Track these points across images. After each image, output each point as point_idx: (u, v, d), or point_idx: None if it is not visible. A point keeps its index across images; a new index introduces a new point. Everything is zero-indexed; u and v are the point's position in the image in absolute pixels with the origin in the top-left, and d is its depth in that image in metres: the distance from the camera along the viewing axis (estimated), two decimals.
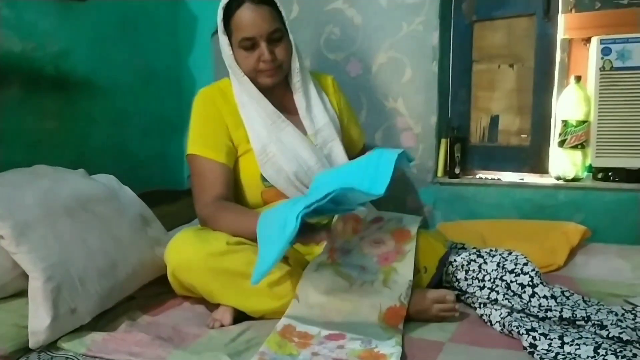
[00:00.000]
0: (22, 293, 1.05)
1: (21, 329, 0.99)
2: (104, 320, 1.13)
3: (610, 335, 0.98)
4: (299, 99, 1.34)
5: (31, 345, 0.98)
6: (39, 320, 0.98)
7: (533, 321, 1.05)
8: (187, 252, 1.12)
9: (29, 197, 1.08)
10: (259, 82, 1.29)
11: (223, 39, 1.27)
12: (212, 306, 1.19)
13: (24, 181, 1.15)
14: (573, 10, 1.78)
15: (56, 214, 1.09)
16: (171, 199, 1.85)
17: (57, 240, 1.05)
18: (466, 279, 1.23)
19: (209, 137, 1.28)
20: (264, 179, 1.28)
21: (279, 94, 1.34)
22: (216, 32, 2.05)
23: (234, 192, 1.30)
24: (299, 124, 1.33)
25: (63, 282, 1.02)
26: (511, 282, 1.17)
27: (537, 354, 0.94)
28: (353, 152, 1.41)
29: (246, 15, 1.22)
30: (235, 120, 1.30)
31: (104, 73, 1.76)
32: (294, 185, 1.26)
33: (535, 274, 1.18)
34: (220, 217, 1.19)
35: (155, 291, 1.29)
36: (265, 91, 1.30)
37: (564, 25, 1.78)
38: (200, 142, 1.28)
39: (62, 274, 1.02)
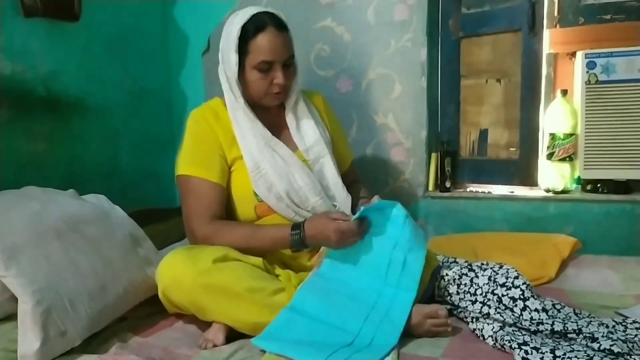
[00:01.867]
0: (12, 317, 1.04)
1: (10, 353, 0.98)
2: (94, 342, 1.11)
3: (602, 347, 0.98)
4: (290, 118, 1.37)
5: None
6: (28, 344, 0.97)
7: (525, 335, 1.05)
8: (177, 270, 1.11)
9: (18, 220, 1.08)
10: (263, 103, 1.32)
11: (234, 57, 1.24)
12: (204, 326, 1.18)
13: (13, 203, 1.14)
14: (557, 26, 1.82)
15: (45, 237, 1.09)
16: (163, 217, 1.84)
17: (46, 263, 1.04)
18: (458, 293, 1.23)
19: (203, 157, 1.29)
20: (256, 193, 1.29)
21: (272, 110, 1.36)
22: (207, 50, 2.11)
23: (227, 207, 1.31)
24: (290, 140, 1.35)
25: (53, 305, 1.01)
26: (502, 295, 1.18)
27: None
28: (342, 169, 1.42)
29: (269, 40, 1.24)
30: (228, 138, 1.31)
31: (94, 93, 1.76)
32: (284, 203, 1.27)
33: (526, 287, 1.19)
34: (229, 231, 1.23)
35: (146, 312, 1.27)
36: (259, 108, 1.32)
37: (549, 40, 1.81)
38: (195, 162, 1.28)
39: (52, 296, 1.01)
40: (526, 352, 0.98)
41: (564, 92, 1.76)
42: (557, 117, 1.76)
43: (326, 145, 1.37)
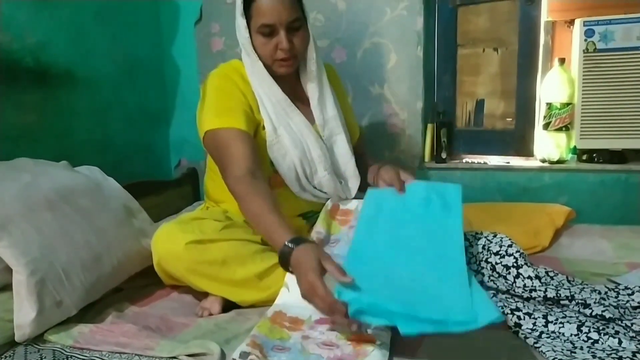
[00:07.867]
0: (7, 287, 1.03)
1: (6, 322, 0.99)
2: (91, 312, 1.12)
3: (594, 313, 0.99)
4: (312, 88, 1.31)
5: (17, 338, 0.98)
6: (24, 313, 0.97)
7: (518, 301, 1.07)
8: (172, 243, 1.11)
9: (9, 191, 1.07)
10: (273, 70, 1.26)
11: (241, 21, 1.22)
12: (201, 295, 1.19)
13: (4, 175, 1.13)
14: None
15: (37, 208, 1.08)
16: (157, 190, 1.84)
17: (39, 234, 1.04)
18: None
19: (228, 108, 1.22)
20: (272, 164, 1.26)
21: (290, 81, 1.31)
22: (199, 20, 2.06)
23: None
24: (308, 114, 1.30)
25: (47, 275, 1.01)
26: (496, 263, 1.19)
27: (522, 333, 0.95)
28: (351, 142, 1.40)
29: (268, 1, 1.19)
30: (253, 98, 1.26)
31: (84, 64, 1.73)
32: (295, 174, 1.25)
33: (520, 255, 1.19)
34: (251, 203, 1.11)
35: (142, 282, 1.28)
36: (277, 77, 1.27)
37: (547, 7, 1.79)
38: (220, 114, 1.22)
39: (46, 267, 1.01)
40: (519, 317, 0.99)
41: (562, 61, 1.74)
42: (554, 86, 1.74)
43: (341, 123, 1.33)
